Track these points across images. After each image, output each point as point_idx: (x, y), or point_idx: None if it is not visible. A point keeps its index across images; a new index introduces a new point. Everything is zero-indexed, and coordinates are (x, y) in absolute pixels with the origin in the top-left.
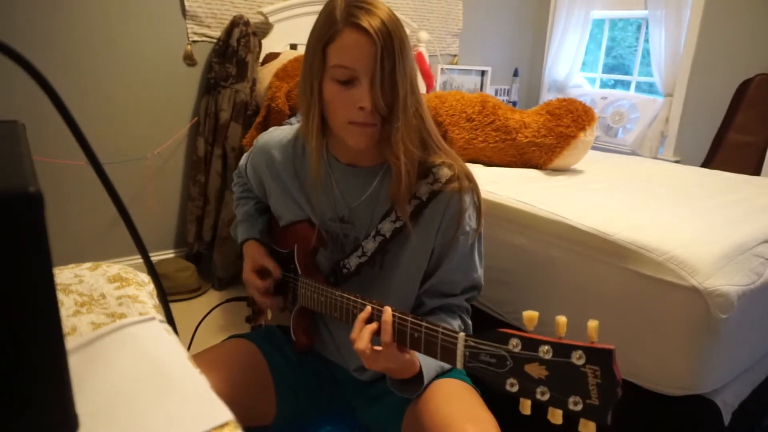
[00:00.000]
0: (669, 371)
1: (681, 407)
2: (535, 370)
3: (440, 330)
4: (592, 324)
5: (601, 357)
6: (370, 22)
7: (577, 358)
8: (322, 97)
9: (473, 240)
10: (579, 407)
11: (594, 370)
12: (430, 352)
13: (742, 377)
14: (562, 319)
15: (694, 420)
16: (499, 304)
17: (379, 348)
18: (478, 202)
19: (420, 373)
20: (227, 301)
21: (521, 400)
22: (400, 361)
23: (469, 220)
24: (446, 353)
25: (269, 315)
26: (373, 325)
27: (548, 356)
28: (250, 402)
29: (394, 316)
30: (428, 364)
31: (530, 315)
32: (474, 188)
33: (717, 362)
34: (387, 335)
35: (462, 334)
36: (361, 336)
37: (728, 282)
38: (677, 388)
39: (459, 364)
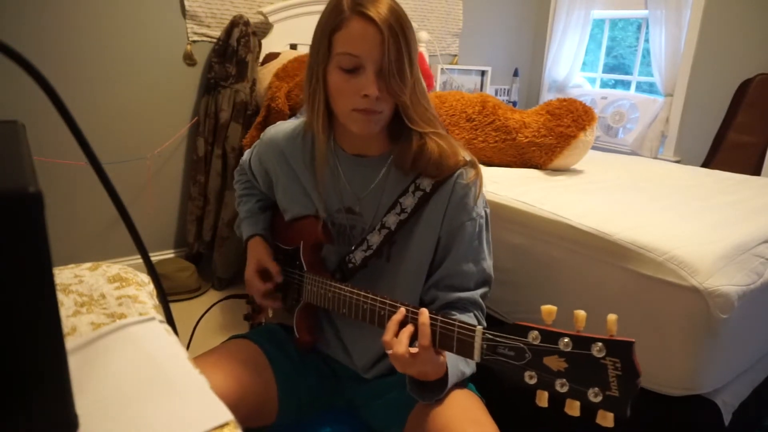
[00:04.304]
0: (669, 371)
1: (681, 407)
2: (554, 363)
3: (457, 323)
4: (612, 317)
5: (621, 349)
6: (377, 11)
7: (597, 351)
8: (327, 84)
9: (480, 227)
10: (599, 399)
11: (614, 362)
12: (445, 345)
13: (742, 377)
14: (581, 314)
15: (694, 420)
16: (499, 304)
17: (415, 351)
18: (481, 187)
19: (443, 376)
20: (227, 298)
21: (538, 392)
22: (435, 364)
23: (475, 207)
24: (463, 346)
25: (270, 313)
26: (410, 328)
27: (568, 349)
28: (254, 402)
29: (383, 307)
30: (453, 367)
31: (549, 309)
32: (477, 174)
33: (717, 362)
34: (426, 338)
35: (480, 327)
36: (399, 340)
37: (728, 282)
38: (677, 388)
39: (476, 357)
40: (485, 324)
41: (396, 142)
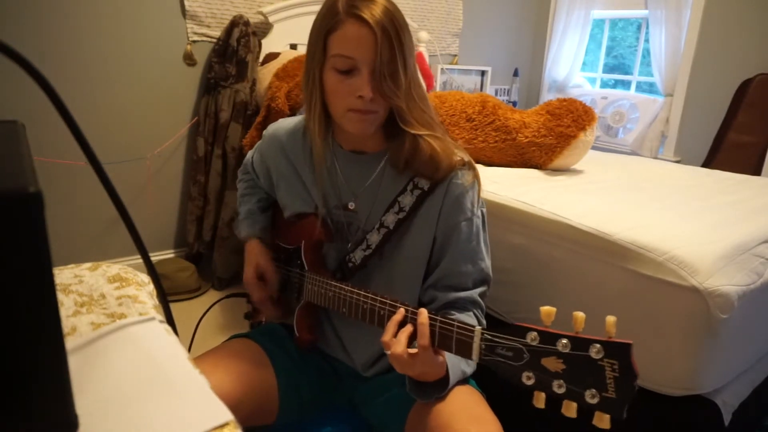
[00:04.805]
0: (669, 371)
1: (681, 407)
2: (552, 364)
3: (456, 323)
4: (611, 319)
5: (619, 351)
6: (371, 13)
7: (596, 352)
8: (323, 85)
9: (477, 227)
10: (595, 400)
11: (612, 363)
12: (444, 345)
13: (742, 377)
14: (580, 315)
15: (694, 420)
16: (499, 304)
17: (414, 351)
18: (477, 189)
19: (445, 376)
20: (227, 297)
21: (535, 393)
22: (435, 364)
23: (471, 206)
24: (462, 346)
25: None
26: (409, 328)
27: (566, 350)
28: (255, 401)
29: (383, 307)
30: (453, 367)
31: (548, 310)
32: (475, 176)
33: (717, 362)
34: (425, 338)
35: (479, 327)
36: (399, 340)
37: (728, 282)
38: (677, 389)
39: (475, 357)
40: (485, 322)
41: (392, 140)
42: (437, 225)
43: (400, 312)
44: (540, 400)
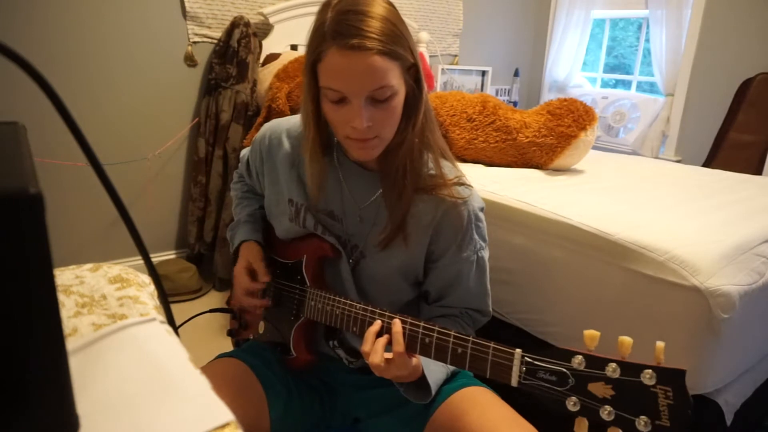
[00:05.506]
0: None
1: None
2: (599, 389)
3: (491, 346)
4: (660, 345)
5: (673, 377)
6: (360, 33)
7: (648, 378)
8: (320, 112)
9: (482, 264)
10: (648, 429)
11: (665, 390)
12: (478, 368)
13: (744, 377)
14: (626, 340)
15: (695, 420)
16: (499, 304)
17: (390, 356)
18: (483, 222)
19: (423, 376)
20: (211, 311)
21: (577, 420)
22: (409, 367)
23: (471, 244)
24: (498, 369)
25: (261, 328)
26: (385, 338)
27: (615, 375)
28: (244, 427)
29: (404, 327)
30: (432, 366)
31: (591, 334)
32: (473, 211)
33: (719, 362)
34: (399, 345)
35: (518, 350)
36: (375, 350)
37: (730, 281)
38: None
39: (514, 381)
40: (472, 332)
41: (394, 158)
42: (436, 244)
43: (377, 323)
44: (582, 427)
